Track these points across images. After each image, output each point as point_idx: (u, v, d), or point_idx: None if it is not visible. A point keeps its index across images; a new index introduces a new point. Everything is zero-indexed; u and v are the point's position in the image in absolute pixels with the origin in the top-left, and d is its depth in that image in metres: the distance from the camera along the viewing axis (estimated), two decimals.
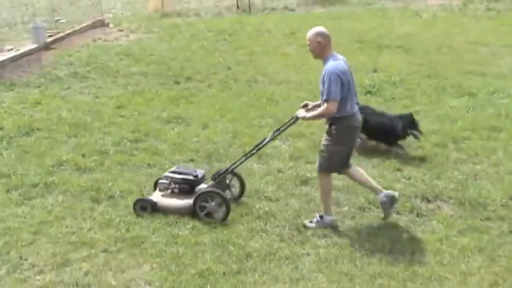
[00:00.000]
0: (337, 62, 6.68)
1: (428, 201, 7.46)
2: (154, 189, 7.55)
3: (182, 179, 7.35)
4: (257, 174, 8.20)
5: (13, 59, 14.17)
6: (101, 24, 18.52)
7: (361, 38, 16.39)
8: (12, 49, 15.47)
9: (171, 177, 7.40)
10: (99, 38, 16.51)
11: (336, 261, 6.21)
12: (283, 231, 6.82)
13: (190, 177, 7.34)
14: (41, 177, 8.17)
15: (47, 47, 15.39)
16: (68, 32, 17.11)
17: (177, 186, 7.37)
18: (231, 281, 5.92)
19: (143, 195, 7.57)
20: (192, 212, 7.10)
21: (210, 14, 21.23)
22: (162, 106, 10.93)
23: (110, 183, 7.98)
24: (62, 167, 8.48)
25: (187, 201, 7.15)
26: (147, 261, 6.29)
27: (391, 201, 6.93)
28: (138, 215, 7.16)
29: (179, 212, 7.15)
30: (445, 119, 10.07)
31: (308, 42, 6.76)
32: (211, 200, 7.05)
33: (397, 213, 7.13)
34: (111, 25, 18.56)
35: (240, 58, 14.45)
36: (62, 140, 9.42)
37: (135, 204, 7.26)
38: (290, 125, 7.25)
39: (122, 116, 10.47)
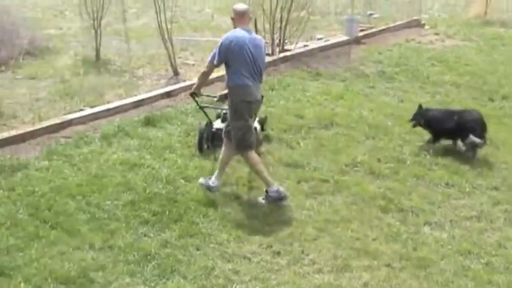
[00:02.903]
0: (237, 32, 7.67)
1: None
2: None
3: None
4: None
5: (322, 49, 14.84)
6: (416, 24, 18.52)
7: None
8: (322, 38, 16.21)
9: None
10: (413, 39, 16.53)
11: None
12: None
13: None
14: (333, 174, 8.52)
15: (357, 41, 15.83)
16: (381, 28, 17.43)
17: None
18: None
19: None
20: None
21: None
22: None
23: (402, 196, 8.03)
24: (356, 168, 8.73)
25: None
26: (431, 287, 6.21)
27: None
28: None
29: None
30: None
31: None
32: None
33: None
34: (426, 26, 18.48)
35: None
36: (360, 140, 9.67)
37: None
38: None
39: None
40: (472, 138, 9.05)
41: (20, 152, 8.91)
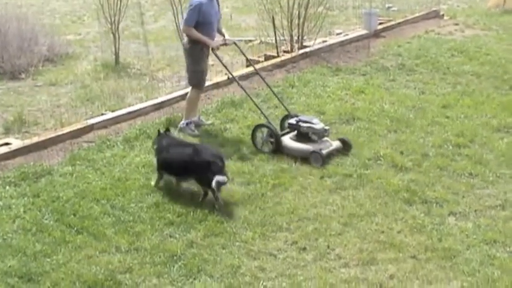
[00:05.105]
0: None
1: None
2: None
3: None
4: None
5: (341, 44, 14.83)
6: (435, 15, 18.44)
7: None
8: (341, 33, 16.21)
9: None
10: (432, 30, 16.46)
11: None
12: None
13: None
14: (356, 168, 8.54)
15: (376, 34, 15.77)
16: (400, 21, 17.36)
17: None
18: None
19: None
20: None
21: None
22: (493, 112, 10.60)
23: (426, 187, 8.05)
24: (378, 162, 8.74)
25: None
26: (457, 277, 6.26)
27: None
28: None
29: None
30: None
31: None
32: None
33: None
34: (445, 17, 18.39)
35: None
36: (382, 134, 9.67)
37: None
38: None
39: (447, 117, 10.38)
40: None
41: (43, 158, 9.04)
